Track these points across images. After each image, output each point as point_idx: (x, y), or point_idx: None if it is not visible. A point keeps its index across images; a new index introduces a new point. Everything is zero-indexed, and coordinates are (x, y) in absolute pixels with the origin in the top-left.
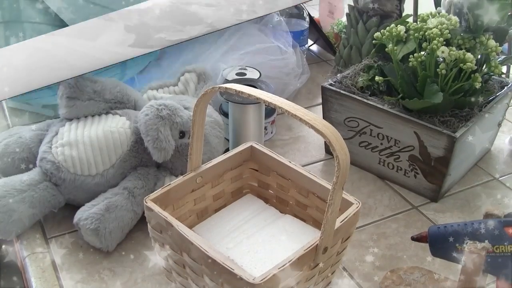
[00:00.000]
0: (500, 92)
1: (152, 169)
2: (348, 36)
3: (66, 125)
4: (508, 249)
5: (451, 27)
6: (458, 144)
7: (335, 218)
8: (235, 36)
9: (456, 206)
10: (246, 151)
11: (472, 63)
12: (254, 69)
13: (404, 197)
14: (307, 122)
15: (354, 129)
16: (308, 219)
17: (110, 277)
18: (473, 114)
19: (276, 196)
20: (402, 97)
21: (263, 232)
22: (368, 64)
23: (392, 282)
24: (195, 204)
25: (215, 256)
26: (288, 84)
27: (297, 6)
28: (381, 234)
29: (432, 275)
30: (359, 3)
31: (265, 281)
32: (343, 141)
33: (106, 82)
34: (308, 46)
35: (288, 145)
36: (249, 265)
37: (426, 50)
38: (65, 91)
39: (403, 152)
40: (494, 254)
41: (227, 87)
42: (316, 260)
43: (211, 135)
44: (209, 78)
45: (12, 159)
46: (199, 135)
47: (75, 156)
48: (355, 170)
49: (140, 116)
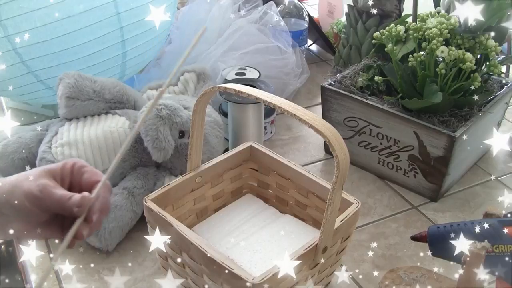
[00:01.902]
0: (499, 92)
1: (151, 169)
2: (347, 36)
3: (65, 125)
4: (507, 248)
5: (451, 27)
6: (458, 143)
7: (334, 218)
8: (234, 36)
9: (456, 206)
10: (245, 151)
11: (472, 62)
12: (254, 69)
13: (403, 196)
14: (307, 122)
15: (354, 129)
16: (307, 218)
17: (110, 277)
18: (473, 114)
19: (276, 196)
20: (402, 96)
21: (262, 232)
22: (367, 64)
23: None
24: (194, 204)
25: (214, 255)
26: (288, 84)
27: (297, 6)
28: (381, 233)
29: (432, 275)
30: (358, 3)
31: (264, 280)
32: (342, 141)
33: (106, 82)
34: (308, 46)
35: (287, 145)
36: (249, 264)
37: (425, 50)
38: (64, 91)
39: (403, 151)
40: (494, 253)
41: (227, 87)
42: (316, 260)
43: (211, 135)
44: (208, 78)
45: (12, 159)
46: (199, 135)
47: (74, 156)
48: (355, 170)
49: (140, 116)
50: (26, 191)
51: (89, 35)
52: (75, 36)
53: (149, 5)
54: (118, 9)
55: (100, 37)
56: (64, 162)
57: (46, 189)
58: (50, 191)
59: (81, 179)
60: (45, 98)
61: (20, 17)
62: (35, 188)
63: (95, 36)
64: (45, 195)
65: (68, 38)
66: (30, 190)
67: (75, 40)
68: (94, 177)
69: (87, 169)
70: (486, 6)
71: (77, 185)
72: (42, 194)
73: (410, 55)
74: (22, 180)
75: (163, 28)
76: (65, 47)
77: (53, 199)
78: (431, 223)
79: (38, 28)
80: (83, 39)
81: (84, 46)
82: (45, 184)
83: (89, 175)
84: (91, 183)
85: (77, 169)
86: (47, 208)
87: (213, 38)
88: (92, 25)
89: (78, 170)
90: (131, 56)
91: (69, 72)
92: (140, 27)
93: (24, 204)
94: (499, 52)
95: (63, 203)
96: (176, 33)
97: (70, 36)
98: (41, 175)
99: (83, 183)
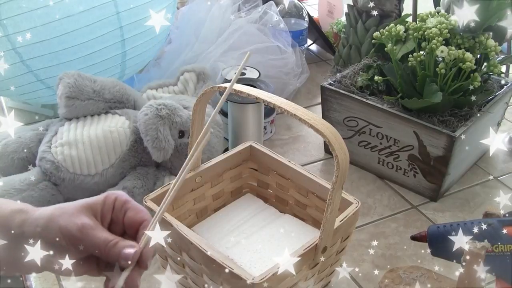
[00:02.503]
0: (499, 92)
1: (151, 168)
2: (347, 35)
3: (65, 125)
4: (507, 248)
5: (451, 26)
6: (458, 143)
7: (334, 218)
8: (234, 35)
9: (456, 206)
10: (245, 151)
11: (472, 62)
12: (254, 69)
13: (403, 196)
14: (307, 121)
15: (354, 129)
16: (307, 218)
17: None
18: (472, 114)
19: (276, 195)
20: (402, 96)
21: (262, 232)
22: (367, 63)
23: (391, 282)
24: (194, 204)
25: (214, 255)
26: (288, 83)
27: (296, 5)
28: (381, 233)
29: (432, 275)
30: (358, 3)
31: (264, 280)
32: (342, 140)
33: (106, 81)
34: (308, 45)
35: (287, 144)
36: (249, 264)
37: (425, 50)
38: (64, 91)
39: (403, 151)
40: (494, 253)
41: (227, 87)
42: (316, 260)
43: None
44: (208, 78)
45: (12, 158)
46: (199, 135)
47: (74, 156)
48: (355, 170)
49: (140, 115)
50: (62, 227)
51: (89, 35)
52: (75, 35)
53: (149, 5)
54: (118, 8)
55: (100, 37)
56: (105, 196)
57: (85, 229)
58: (91, 233)
59: (124, 217)
60: (45, 97)
61: (20, 17)
62: (73, 226)
63: (95, 36)
64: (84, 236)
65: (68, 38)
66: (67, 229)
67: (74, 40)
68: (139, 215)
69: (130, 205)
70: (486, 6)
71: (119, 223)
72: (82, 234)
73: (410, 55)
74: (59, 215)
75: (162, 28)
76: (65, 47)
77: (94, 242)
78: (431, 222)
79: (38, 27)
80: (82, 39)
81: (84, 46)
82: (85, 224)
83: (133, 213)
84: (135, 223)
85: (119, 205)
86: (85, 250)
87: (213, 37)
88: (91, 25)
89: (120, 207)
90: (130, 55)
91: (69, 71)
92: (140, 26)
93: (59, 241)
94: (499, 52)
95: (107, 249)
96: (175, 32)
97: (70, 35)
98: (81, 211)
99: (126, 221)
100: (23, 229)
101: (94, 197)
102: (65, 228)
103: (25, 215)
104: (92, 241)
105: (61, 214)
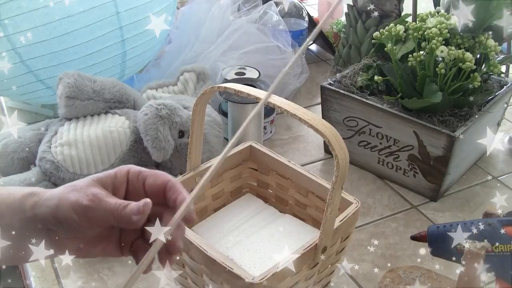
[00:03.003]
0: (499, 92)
1: (151, 168)
2: (347, 35)
3: (65, 125)
4: (507, 248)
5: (450, 26)
6: (457, 143)
7: (334, 218)
8: (234, 35)
9: (456, 206)
10: (245, 151)
11: (471, 62)
12: (253, 69)
13: (403, 196)
14: (306, 121)
15: (353, 129)
16: (307, 218)
17: (109, 277)
18: (472, 114)
19: (276, 195)
20: (401, 96)
21: (262, 232)
22: (367, 63)
23: (391, 281)
24: (194, 204)
25: (214, 255)
26: (288, 83)
27: (296, 5)
28: (381, 233)
29: (432, 275)
30: (358, 3)
31: (264, 280)
32: (342, 140)
33: (105, 81)
34: None
35: (287, 144)
36: (249, 264)
37: (425, 50)
38: (64, 91)
39: (403, 151)
40: (493, 253)
41: (226, 87)
42: (316, 260)
43: (210, 134)
44: (208, 78)
45: (12, 158)
46: (199, 135)
47: (74, 156)
48: (354, 170)
49: (140, 115)
50: (73, 202)
51: (89, 35)
52: (75, 35)
53: (149, 5)
54: (117, 8)
55: (100, 37)
56: (117, 170)
57: (97, 198)
58: (103, 199)
59: (144, 186)
60: (45, 97)
61: (20, 17)
62: (85, 198)
63: (95, 36)
64: (96, 204)
65: (68, 38)
66: (78, 201)
67: (74, 40)
68: (160, 179)
69: (147, 173)
70: (485, 6)
71: (139, 193)
72: (93, 203)
73: (409, 55)
74: (69, 192)
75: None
76: (64, 47)
77: (106, 208)
78: (430, 222)
79: (38, 27)
80: (82, 39)
81: (84, 46)
82: (95, 193)
83: (153, 179)
84: (159, 187)
85: (134, 176)
86: (99, 220)
87: (212, 37)
88: (91, 25)
89: (136, 177)
90: (130, 55)
91: (69, 71)
92: (140, 27)
93: (72, 217)
94: (498, 52)
95: (119, 212)
96: (175, 32)
97: (70, 35)
98: (90, 184)
99: (148, 189)
100: (35, 211)
101: (105, 172)
102: (75, 202)
103: (36, 197)
104: (105, 208)
105: (71, 191)
